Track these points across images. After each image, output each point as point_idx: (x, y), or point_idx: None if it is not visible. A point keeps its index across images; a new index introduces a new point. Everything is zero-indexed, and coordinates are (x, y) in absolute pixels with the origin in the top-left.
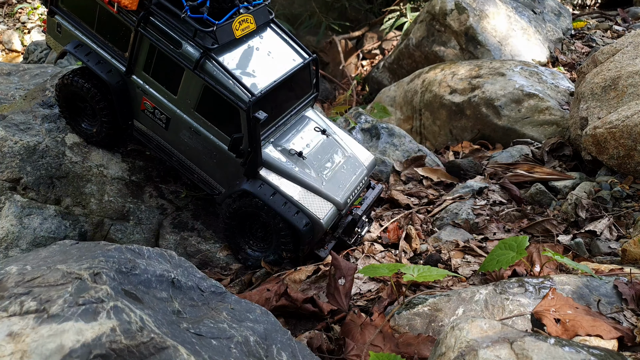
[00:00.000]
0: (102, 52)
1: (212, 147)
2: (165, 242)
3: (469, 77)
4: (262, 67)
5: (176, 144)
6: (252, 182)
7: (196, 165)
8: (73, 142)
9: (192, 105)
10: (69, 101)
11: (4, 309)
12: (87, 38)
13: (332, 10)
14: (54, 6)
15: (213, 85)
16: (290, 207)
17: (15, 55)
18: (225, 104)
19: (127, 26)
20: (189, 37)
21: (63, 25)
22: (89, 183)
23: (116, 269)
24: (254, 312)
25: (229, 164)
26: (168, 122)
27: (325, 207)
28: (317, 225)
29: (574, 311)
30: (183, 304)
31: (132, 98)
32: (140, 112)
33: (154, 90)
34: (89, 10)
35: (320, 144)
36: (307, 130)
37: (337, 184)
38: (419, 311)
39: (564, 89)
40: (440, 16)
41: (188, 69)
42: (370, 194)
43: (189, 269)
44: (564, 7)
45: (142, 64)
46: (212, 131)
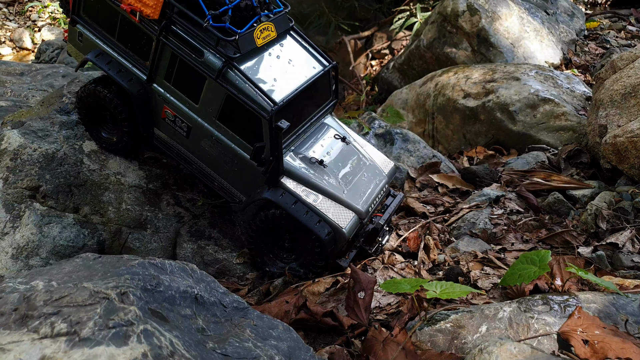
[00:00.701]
0: (123, 60)
1: (233, 156)
2: (183, 250)
3: (483, 81)
4: (283, 76)
5: (197, 152)
6: (273, 191)
7: (216, 173)
8: (91, 149)
9: (213, 114)
10: (89, 110)
11: (35, 330)
12: (108, 47)
13: (341, 10)
14: (76, 15)
15: (235, 94)
16: (312, 216)
17: (26, 53)
18: (247, 113)
19: (148, 35)
20: (211, 46)
21: (84, 34)
22: (106, 191)
23: (142, 287)
24: (276, 329)
25: (249, 172)
26: (189, 130)
27: (347, 216)
28: (339, 234)
29: (602, 331)
30: (207, 321)
31: (152, 106)
32: (160, 121)
33: (175, 99)
34: (110, 19)
35: (341, 152)
36: (327, 137)
37: (358, 192)
38: (441, 327)
39: (580, 93)
40: (452, 17)
41: (210, 78)
42: (391, 202)
43: (211, 284)
44: (577, 8)
45: (164, 73)
46: (234, 140)
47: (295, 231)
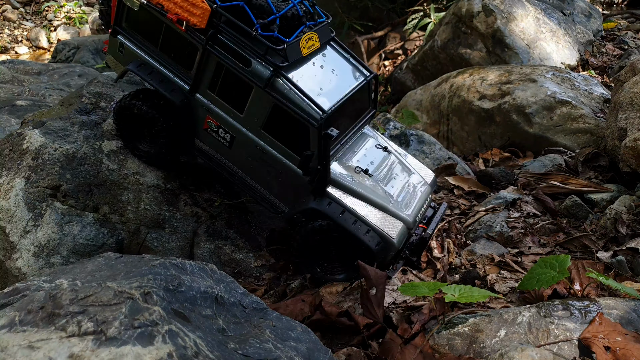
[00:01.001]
0: (165, 71)
1: (278, 166)
2: (200, 250)
3: (498, 83)
4: (328, 85)
5: (239, 163)
6: (320, 201)
7: (259, 184)
8: (110, 149)
9: (259, 123)
10: (126, 124)
11: (62, 328)
12: (150, 57)
13: (354, 10)
14: (118, 26)
15: (283, 102)
16: (360, 226)
17: (42, 52)
18: (295, 122)
19: (193, 44)
20: (259, 55)
21: (125, 44)
22: (125, 191)
23: (164, 287)
24: (295, 330)
25: (294, 182)
26: (232, 140)
27: (395, 226)
28: (389, 245)
29: (624, 338)
30: (227, 322)
31: (194, 117)
32: (202, 131)
33: (219, 109)
34: (154, 29)
35: (384, 162)
36: (369, 147)
37: (405, 202)
38: (459, 331)
39: (598, 95)
40: (467, 18)
41: (258, 87)
42: (433, 212)
43: (231, 285)
44: (595, 8)
45: (208, 83)
46: (279, 149)
47: (343, 243)
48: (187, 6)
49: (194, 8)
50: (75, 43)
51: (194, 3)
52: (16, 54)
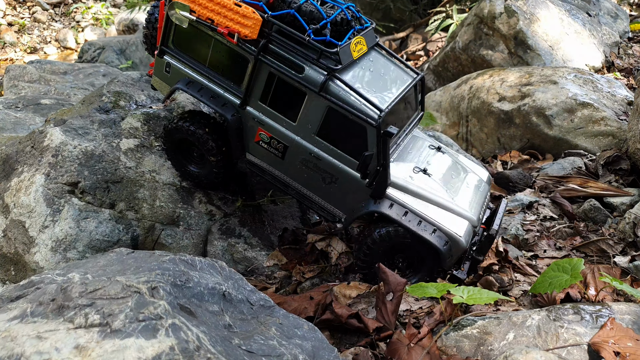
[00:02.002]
0: (214, 87)
1: (334, 171)
2: (213, 248)
3: (518, 85)
4: (379, 86)
5: (293, 173)
6: (380, 203)
7: (314, 193)
8: (127, 147)
9: (313, 130)
10: (175, 146)
11: (70, 320)
12: (198, 74)
13: (376, 11)
14: (164, 47)
15: (339, 105)
16: (426, 226)
17: (69, 53)
18: (351, 124)
19: (243, 57)
20: (313, 60)
21: (172, 64)
22: (141, 188)
23: (171, 282)
24: (301, 328)
25: (352, 188)
26: (285, 150)
27: (461, 224)
28: (456, 244)
29: (635, 344)
30: (234, 318)
31: (245, 130)
32: (254, 145)
33: (271, 120)
34: (202, 45)
35: (440, 161)
36: (423, 148)
37: (466, 200)
38: (467, 333)
39: (621, 97)
40: (489, 19)
41: (312, 92)
42: (498, 209)
43: (239, 282)
44: (621, 9)
45: (259, 94)
46: (335, 154)
47: (409, 247)
48: (238, 18)
49: (245, 19)
50: (100, 44)
51: (245, 14)
52: (45, 54)
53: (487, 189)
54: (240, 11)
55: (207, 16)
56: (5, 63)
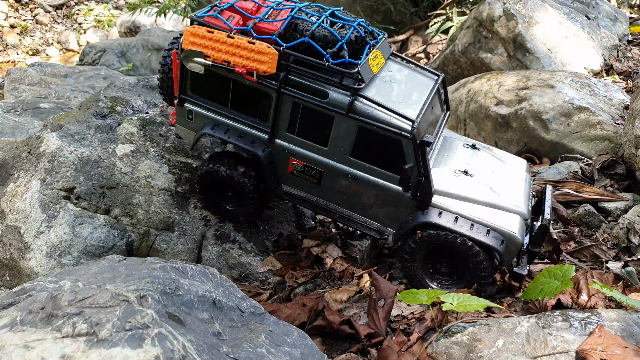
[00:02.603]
0: (240, 126)
1: (374, 189)
2: (208, 253)
3: (516, 89)
4: (404, 96)
5: (332, 197)
6: (428, 213)
7: (358, 213)
8: (123, 153)
9: (346, 151)
10: (209, 187)
11: (58, 329)
12: (222, 116)
13: (377, 14)
14: (183, 95)
15: (370, 123)
16: (479, 229)
17: (72, 55)
18: (384, 140)
19: (265, 92)
20: (335, 84)
21: (194, 111)
22: (137, 194)
23: (161, 290)
24: (291, 335)
25: (395, 202)
26: (320, 176)
27: (512, 220)
28: (513, 241)
29: (623, 351)
30: (223, 325)
31: (277, 163)
32: (288, 175)
33: (302, 148)
34: (221, 88)
35: (478, 159)
36: (458, 148)
37: (512, 194)
38: (457, 340)
39: (618, 102)
40: (488, 22)
41: (340, 115)
42: (544, 197)
43: (230, 289)
44: (621, 12)
45: (286, 125)
46: (372, 172)
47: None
48: (254, 56)
49: (261, 56)
50: (101, 46)
51: (260, 51)
52: (47, 57)
53: (529, 178)
54: (255, 48)
55: (223, 59)
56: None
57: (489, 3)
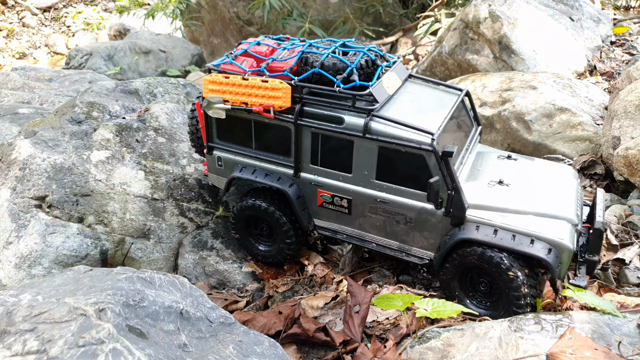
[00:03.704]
0: (266, 165)
1: (406, 210)
2: (184, 261)
3: (499, 90)
4: (424, 113)
5: (365, 226)
6: (465, 229)
7: (394, 239)
8: (98, 159)
9: (370, 175)
10: (244, 226)
11: (9, 347)
12: (249, 158)
13: (366, 16)
14: (211, 143)
15: (389, 141)
16: (521, 239)
17: (60, 58)
18: (407, 157)
19: (284, 127)
20: (349, 108)
21: (223, 157)
22: (111, 201)
23: (123, 302)
24: (261, 345)
25: (429, 221)
26: (350, 204)
27: (559, 227)
28: (562, 248)
29: (593, 353)
30: (190, 336)
31: (306, 197)
32: (318, 209)
33: (328, 178)
34: (244, 131)
35: (514, 169)
36: (492, 160)
37: (556, 201)
38: (431, 345)
39: (599, 102)
40: (474, 24)
41: (358, 138)
42: (595, 201)
43: (199, 299)
44: (604, 13)
45: (309, 157)
46: (401, 193)
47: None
48: (268, 93)
49: (275, 92)
50: (88, 49)
51: (274, 87)
52: (34, 60)
53: (577, 185)
54: (269, 86)
55: (241, 101)
56: None
57: (475, 5)
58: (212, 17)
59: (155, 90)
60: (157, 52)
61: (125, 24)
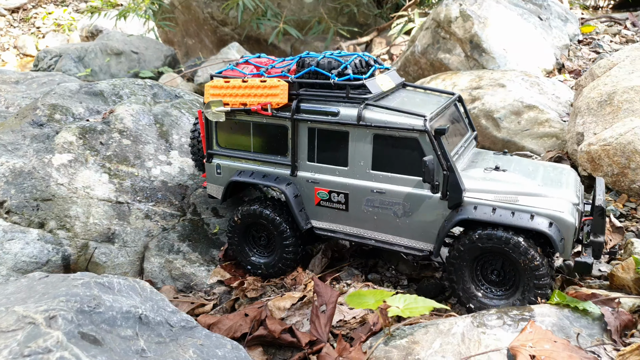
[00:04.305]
0: (263, 167)
1: (403, 199)
2: (150, 265)
3: (469, 88)
4: (417, 106)
5: (363, 222)
6: (464, 210)
7: (393, 233)
8: (60, 163)
9: (366, 166)
10: (242, 234)
11: None
12: (247, 162)
13: (341, 16)
14: (210, 150)
15: (383, 127)
16: (521, 215)
17: (30, 60)
18: (401, 143)
19: (281, 125)
20: (343, 99)
21: (221, 164)
22: (74, 205)
23: (77, 309)
24: (224, 348)
25: (427, 208)
26: (347, 200)
27: (559, 203)
28: (563, 222)
29: (552, 346)
30: (149, 342)
31: (304, 197)
32: (315, 209)
33: (324, 174)
34: (243, 134)
35: (511, 160)
36: (488, 155)
37: (556, 185)
38: (397, 343)
39: (566, 99)
40: (445, 23)
41: (353, 128)
42: (595, 187)
43: (160, 303)
44: (571, 13)
45: (305, 155)
46: (397, 181)
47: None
48: (266, 92)
49: (273, 90)
50: (57, 51)
51: (272, 85)
52: (3, 62)
53: (575, 176)
54: (267, 85)
55: (240, 102)
56: None
57: (446, 4)
58: (186, 17)
59: (122, 91)
60: (129, 53)
61: (98, 25)
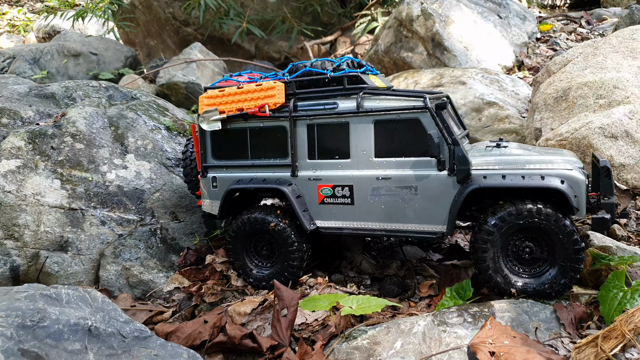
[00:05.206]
0: (262, 172)
1: (410, 182)
2: (106, 273)
3: (431, 86)
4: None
5: (370, 214)
6: (474, 180)
7: (403, 221)
8: (7, 169)
9: (369, 154)
10: (243, 243)
11: None
12: (244, 170)
13: (305, 15)
14: (205, 164)
15: (383, 112)
16: (531, 177)
17: None
18: (402, 126)
19: (280, 126)
20: (341, 92)
21: (217, 177)
22: (23, 213)
23: (18, 324)
24: (179, 357)
25: (435, 188)
26: (352, 192)
27: (566, 164)
28: (573, 179)
29: (511, 341)
30: (99, 354)
31: (306, 197)
32: (320, 208)
33: (327, 170)
34: (240, 141)
35: (509, 144)
36: (482, 145)
37: (557, 154)
38: (358, 344)
39: (525, 96)
40: (407, 22)
41: (353, 117)
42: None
43: (111, 313)
44: (529, 11)
45: (306, 153)
46: (402, 165)
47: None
48: (263, 94)
49: (269, 91)
50: (10, 53)
51: (268, 87)
52: None
53: (572, 154)
54: (263, 87)
55: (236, 108)
56: None
57: (408, 3)
58: (147, 17)
59: (75, 94)
60: (87, 54)
61: (55, 25)
